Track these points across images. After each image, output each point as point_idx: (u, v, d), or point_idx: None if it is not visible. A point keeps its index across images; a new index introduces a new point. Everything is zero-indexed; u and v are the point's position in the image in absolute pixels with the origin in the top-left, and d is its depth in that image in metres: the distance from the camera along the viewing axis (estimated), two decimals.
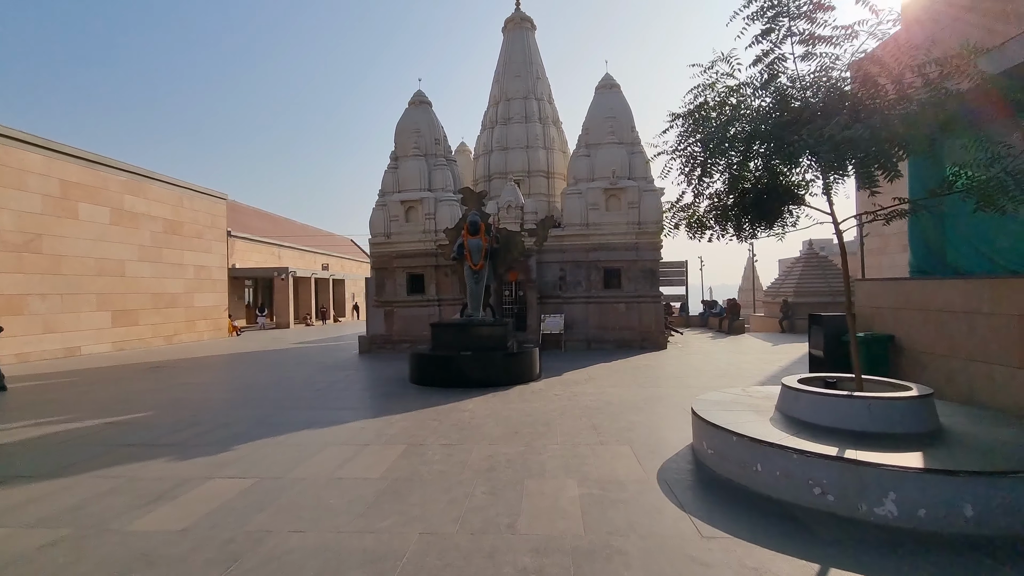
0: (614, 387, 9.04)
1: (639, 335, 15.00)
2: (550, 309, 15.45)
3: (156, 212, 20.40)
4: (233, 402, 8.45)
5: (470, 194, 11.17)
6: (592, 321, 15.23)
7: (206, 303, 23.21)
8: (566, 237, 15.41)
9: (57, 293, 16.12)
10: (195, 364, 13.98)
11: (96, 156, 17.67)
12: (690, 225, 5.77)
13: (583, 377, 10.17)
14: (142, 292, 19.52)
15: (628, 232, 15.08)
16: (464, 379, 9.22)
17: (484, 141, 19.20)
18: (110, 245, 18.15)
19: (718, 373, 10.39)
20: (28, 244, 15.23)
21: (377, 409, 7.66)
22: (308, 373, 11.70)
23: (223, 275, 24.66)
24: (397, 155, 16.67)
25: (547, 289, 15.55)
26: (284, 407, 7.94)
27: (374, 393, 9.06)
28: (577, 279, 15.42)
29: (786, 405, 4.92)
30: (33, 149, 15.51)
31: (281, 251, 37.68)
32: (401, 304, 16.00)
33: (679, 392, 8.45)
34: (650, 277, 15.16)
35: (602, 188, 15.18)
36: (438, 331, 10.00)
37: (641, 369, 11.17)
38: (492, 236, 10.72)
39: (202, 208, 23.20)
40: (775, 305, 21.62)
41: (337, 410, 7.65)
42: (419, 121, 16.59)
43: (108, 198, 18.14)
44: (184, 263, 21.90)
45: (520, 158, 18.14)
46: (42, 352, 15.54)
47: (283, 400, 8.52)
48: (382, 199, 16.46)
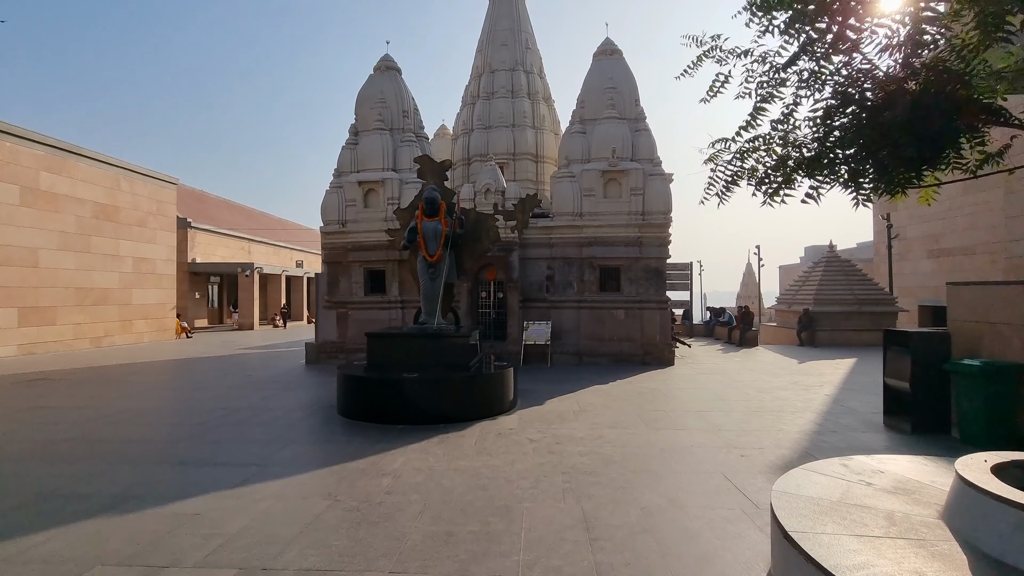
0: (613, 427, 6.47)
1: (641, 348, 12.46)
2: (535, 315, 12.88)
3: (83, 194, 17.62)
4: (55, 450, 5.79)
5: (428, 164, 8.59)
6: (585, 330, 12.68)
7: (147, 300, 20.42)
8: (555, 229, 12.86)
9: None
10: (92, 376, 11.26)
11: (1, 124, 14.91)
12: (764, 177, 3.23)
13: (571, 407, 7.60)
14: (61, 286, 16.73)
15: (630, 224, 12.55)
16: (407, 412, 6.63)
17: (464, 119, 16.64)
18: (18, 230, 15.37)
19: (752, 405, 7.85)
20: None
21: (254, 468, 5.03)
22: (219, 393, 9.04)
23: (170, 269, 21.89)
24: (358, 129, 14.06)
25: (532, 291, 12.99)
26: (123, 459, 5.30)
27: (275, 432, 6.42)
28: (568, 279, 12.88)
29: (987, 530, 2.37)
30: None
31: (252, 246, 34.88)
32: (357, 306, 13.37)
33: (708, 438, 5.90)
34: (655, 278, 12.64)
35: (599, 171, 12.65)
36: (376, 344, 7.39)
37: (647, 396, 8.61)
38: (456, 219, 8.14)
39: (145, 192, 20.44)
40: (790, 314, 19.18)
41: (196, 467, 5.01)
42: (385, 89, 14.01)
43: (17, 174, 15.37)
44: (120, 254, 19.12)
45: (504, 138, 15.59)
46: None
47: (136, 445, 5.88)
48: (337, 180, 13.84)
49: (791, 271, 53.89)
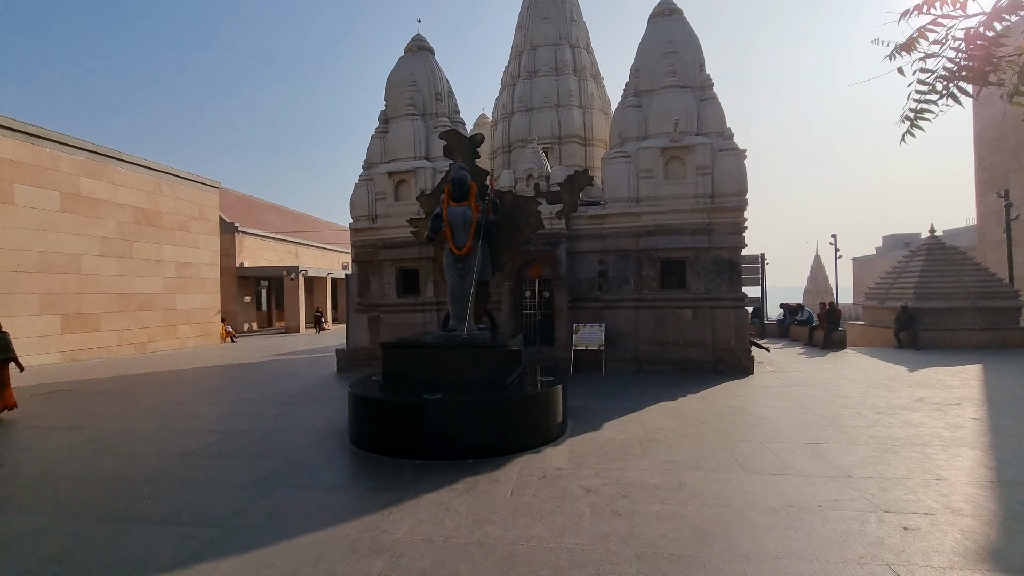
0: (696, 468, 4.83)
1: (712, 354, 10.61)
2: (586, 316, 11.29)
3: (124, 199, 17.51)
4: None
5: (456, 139, 7.20)
6: (645, 333, 10.96)
7: (191, 305, 20.29)
8: (608, 218, 11.21)
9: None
10: (112, 387, 10.64)
11: (39, 130, 14.82)
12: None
13: (636, 434, 5.99)
14: (104, 292, 16.63)
15: (696, 209, 10.72)
16: (427, 443, 5.26)
17: (504, 102, 15.23)
18: (60, 237, 15.28)
19: (878, 434, 5.96)
20: None
21: (212, 533, 3.78)
22: (229, 410, 8.05)
23: (214, 273, 21.74)
24: (388, 116, 12.93)
25: (582, 289, 11.40)
26: (68, 509, 4.19)
27: (268, 469, 5.20)
28: (623, 275, 11.20)
29: None
30: None
31: (299, 249, 35.05)
32: (389, 308, 12.22)
33: (839, 491, 4.16)
34: (728, 272, 10.74)
35: (659, 148, 10.89)
36: (393, 356, 6.05)
37: (731, 418, 6.85)
38: (488, 203, 6.71)
39: (187, 197, 20.30)
40: (883, 312, 16.58)
41: (142, 526, 3.81)
42: (416, 72, 12.80)
43: (57, 180, 15.29)
44: (163, 259, 19.00)
45: (548, 120, 14.05)
46: None
47: (94, 486, 4.80)
48: (367, 172, 12.75)
49: (867, 264, 49.24)
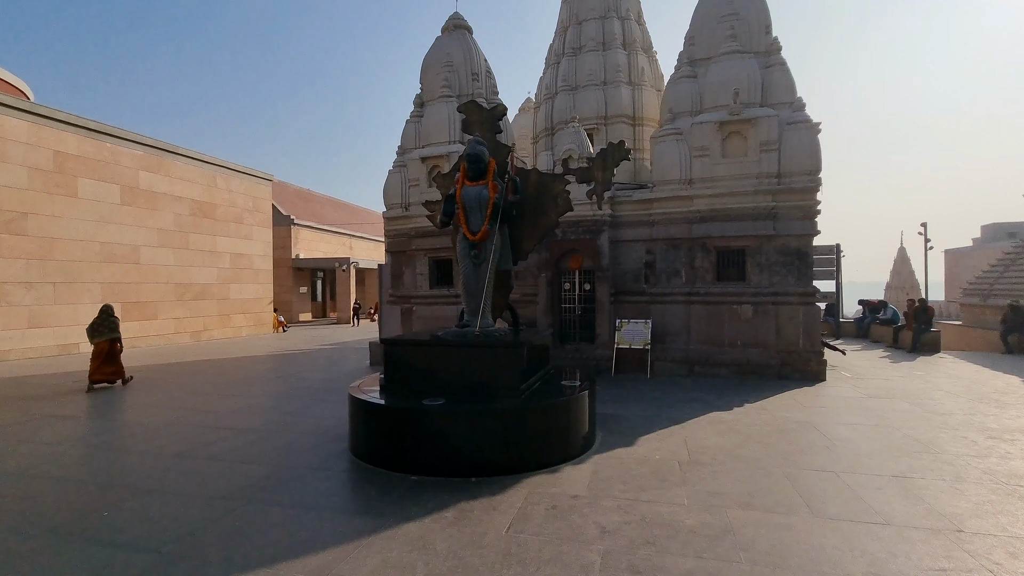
0: (748, 507, 3.84)
1: (776, 356, 9.30)
2: (630, 311, 10.27)
3: (182, 192, 18.10)
4: None
5: (475, 111, 6.43)
6: (697, 331, 9.80)
7: (245, 295, 20.85)
8: (656, 202, 10.09)
9: (48, 281, 13.99)
10: (153, 375, 10.76)
11: (101, 125, 15.45)
12: None
13: (676, 453, 5.03)
14: (162, 282, 17.27)
15: (760, 191, 9.40)
16: (425, 456, 4.58)
17: (547, 83, 14.29)
18: (120, 228, 15.94)
19: (993, 467, 4.68)
20: (8, 224, 13.12)
21: (153, 559, 3.25)
22: (246, 404, 7.77)
23: (267, 264, 22.26)
24: (423, 99, 12.37)
25: (626, 281, 10.37)
26: (30, 517, 3.84)
27: (251, 477, 4.71)
28: (673, 266, 10.06)
29: None
30: (16, 114, 13.39)
31: (352, 241, 35.68)
32: (422, 300, 11.71)
33: (946, 555, 3.07)
34: (796, 262, 9.37)
35: (716, 123, 9.64)
36: (394, 354, 5.40)
37: (797, 437, 5.71)
38: (508, 182, 5.90)
39: (241, 189, 20.82)
40: (987, 311, 14.33)
41: (88, 547, 3.35)
42: (452, 51, 12.13)
43: (118, 174, 15.92)
44: (217, 250, 19.57)
45: (594, 99, 13.00)
46: (26, 349, 13.44)
47: (69, 489, 4.46)
48: (400, 158, 12.26)
49: (962, 257, 44.19)
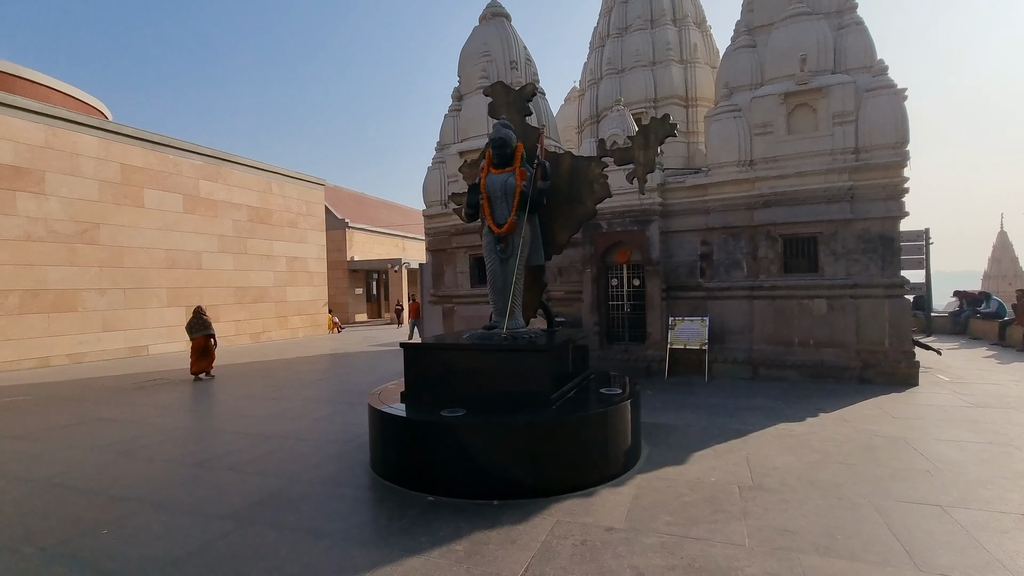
0: (827, 554, 3.07)
1: (857, 357, 8.16)
2: (685, 308, 9.40)
3: (239, 199, 18.79)
4: None
5: (502, 93, 5.90)
6: (761, 329, 8.80)
7: (301, 297, 21.43)
8: (712, 187, 9.16)
9: (119, 287, 14.82)
10: (203, 379, 11.01)
11: (164, 138, 16.23)
12: None
13: (736, 474, 4.28)
14: (223, 286, 17.99)
15: (833, 169, 8.28)
16: (443, 475, 4.11)
17: (591, 67, 13.54)
18: (183, 235, 16.70)
19: None
20: (83, 234, 13.98)
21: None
22: (279, 409, 7.65)
23: (321, 267, 22.80)
24: (460, 92, 11.99)
25: (680, 275, 9.51)
26: (23, 535, 3.70)
27: (260, 492, 4.42)
28: (733, 257, 9.10)
29: None
30: (87, 131, 14.24)
31: (405, 242, 36.24)
32: (463, 299, 11.34)
33: None
34: (880, 250, 8.18)
35: (779, 95, 8.59)
36: (413, 360, 4.96)
37: (885, 456, 4.78)
38: (537, 167, 5.33)
39: (295, 195, 21.40)
40: None
41: (65, 566, 3.12)
42: (489, 41, 11.66)
43: (180, 184, 16.69)
44: (274, 254, 20.20)
45: (641, 81, 12.13)
46: (101, 352, 14.28)
47: (75, 501, 4.34)
48: (439, 154, 11.95)
49: None
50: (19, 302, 12.64)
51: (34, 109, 13.21)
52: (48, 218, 13.27)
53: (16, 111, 12.81)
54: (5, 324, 12.39)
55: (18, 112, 12.84)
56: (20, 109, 12.91)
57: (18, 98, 13.22)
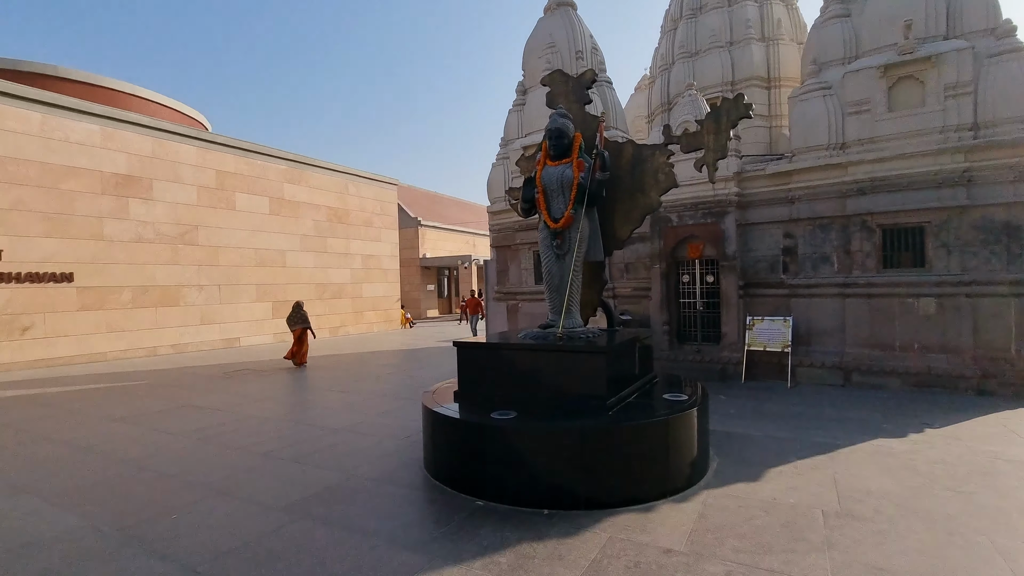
0: None
1: (974, 364, 7.09)
2: (765, 307, 8.65)
3: (319, 200, 19.85)
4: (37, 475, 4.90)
5: (560, 81, 5.64)
6: (856, 331, 7.90)
7: (375, 293, 22.31)
8: (797, 175, 8.34)
9: (214, 284, 16.14)
10: (284, 369, 11.68)
11: (252, 145, 17.45)
12: None
13: (819, 499, 3.78)
14: (304, 283, 19.09)
15: (946, 149, 7.22)
16: (495, 480, 3.97)
17: (662, 52, 12.85)
18: (270, 235, 17.89)
19: None
20: (184, 236, 15.35)
21: None
22: (342, 403, 7.90)
23: (394, 264, 23.61)
24: (525, 86, 11.82)
25: (759, 271, 8.77)
26: (49, 533, 3.99)
27: (313, 490, 4.50)
28: (821, 251, 8.24)
29: None
30: (187, 141, 15.60)
31: (475, 239, 36.77)
32: (527, 296, 11.20)
33: None
34: (1004, 241, 7.04)
35: (879, 67, 7.63)
36: (465, 359, 4.86)
37: (1008, 483, 4.03)
38: (596, 158, 5.03)
39: (370, 195, 22.29)
40: None
41: (135, 547, 3.30)
42: (554, 32, 11.39)
43: (267, 187, 17.89)
44: (351, 252, 21.17)
45: (717, 63, 11.33)
46: (200, 343, 15.64)
47: (139, 485, 4.64)
48: (503, 150, 11.86)
49: None
50: (131, 297, 14.10)
51: (144, 123, 14.66)
52: (155, 221, 14.69)
53: (129, 125, 14.27)
54: (120, 317, 13.88)
55: (130, 126, 14.30)
56: (132, 124, 14.37)
57: (131, 114, 14.73)
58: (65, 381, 10.26)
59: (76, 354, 12.98)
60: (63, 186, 12.82)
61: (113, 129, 13.90)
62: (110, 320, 13.66)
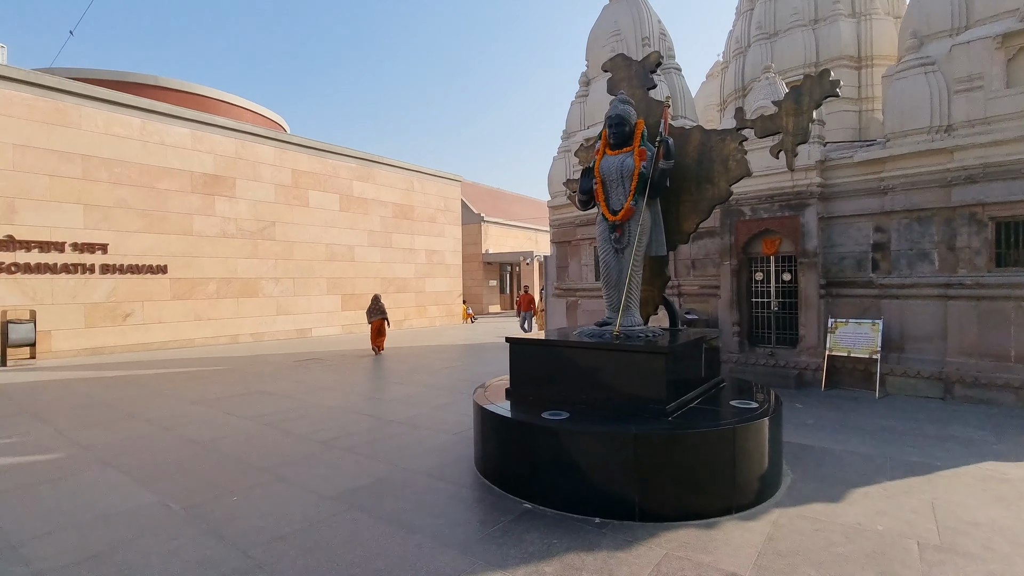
0: None
1: None
2: (850, 308, 7.88)
3: (385, 197, 20.47)
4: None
5: (623, 66, 5.34)
6: (960, 337, 7.00)
7: (438, 288, 22.75)
8: (892, 161, 7.50)
9: (289, 277, 17.06)
10: (347, 360, 12.10)
11: (325, 145, 18.26)
12: None
13: (913, 528, 3.31)
14: (371, 277, 19.77)
15: None
16: (544, 482, 3.81)
17: (737, 35, 12.06)
18: (340, 231, 18.67)
19: None
20: (262, 231, 16.32)
21: (227, 567, 3.14)
22: (400, 395, 8.02)
23: (457, 260, 23.95)
24: (588, 77, 11.50)
25: (843, 269, 7.99)
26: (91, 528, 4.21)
27: (363, 481, 4.54)
28: (919, 247, 7.37)
29: None
30: (266, 142, 16.55)
31: (537, 235, 36.62)
32: (587, 293, 10.91)
33: None
34: None
35: (996, 37, 6.68)
36: (517, 355, 4.72)
37: None
38: (659, 145, 4.72)
39: (434, 191, 22.72)
40: None
41: (197, 525, 3.45)
42: (619, 19, 10.98)
43: (337, 185, 18.66)
44: (415, 247, 21.69)
45: (799, 43, 10.45)
46: (276, 332, 16.59)
47: (209, 466, 4.86)
48: (565, 143, 11.61)
49: None
50: (216, 289, 15.18)
51: (228, 126, 15.71)
52: (238, 218, 15.71)
53: (215, 128, 15.34)
54: (207, 307, 14.98)
55: (217, 129, 15.37)
56: (218, 127, 15.43)
57: (217, 118, 15.83)
58: (157, 364, 11.20)
59: (169, 339, 14.15)
60: (158, 185, 13.98)
61: (202, 132, 14.99)
62: (198, 309, 14.78)
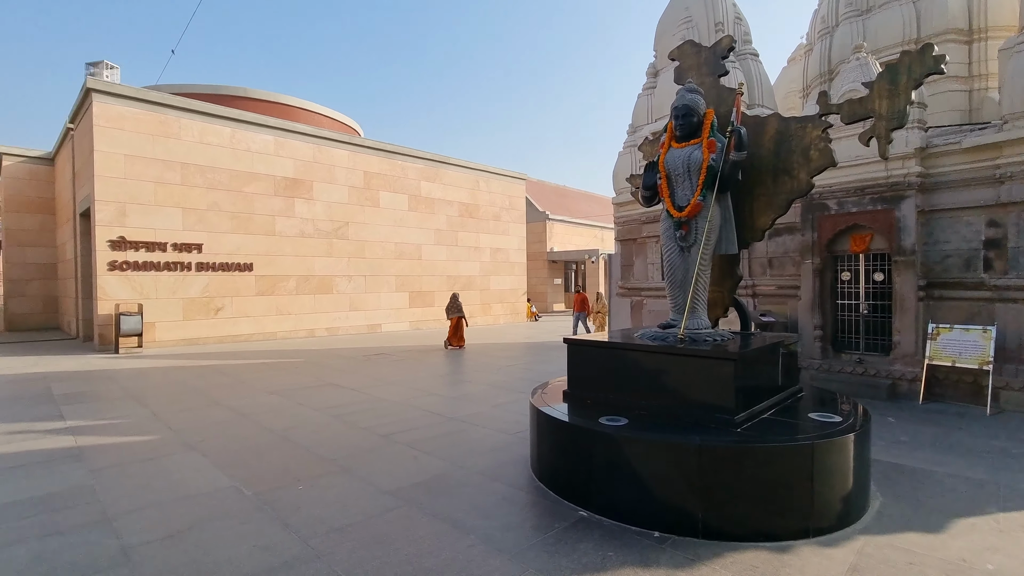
0: None
1: None
2: (954, 313, 7.02)
3: (451, 196, 20.87)
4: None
5: (691, 53, 5.02)
6: None
7: (502, 286, 22.91)
8: (1010, 146, 6.59)
9: (361, 275, 17.82)
10: (414, 356, 12.43)
11: (394, 147, 18.89)
12: None
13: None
14: (438, 275, 20.25)
15: None
16: (601, 491, 3.67)
17: (823, 14, 11.10)
18: (408, 230, 19.26)
19: None
20: (337, 231, 17.16)
21: (284, 556, 3.25)
22: (462, 392, 8.11)
23: (521, 258, 23.99)
24: (656, 68, 11.06)
25: (947, 269, 7.13)
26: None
27: (419, 478, 4.58)
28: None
29: None
30: (340, 146, 17.37)
31: (603, 233, 35.98)
32: (653, 292, 10.51)
33: None
34: None
35: None
36: (577, 357, 4.58)
37: None
38: (730, 135, 4.40)
39: (499, 190, 22.88)
40: None
41: (263, 512, 3.62)
42: (691, 4, 10.47)
43: (406, 186, 19.25)
44: (480, 246, 21.96)
45: (896, 18, 9.46)
46: (348, 327, 17.41)
47: (279, 454, 5.09)
48: (631, 138, 11.24)
49: None
50: (295, 285, 16.15)
51: (307, 132, 16.65)
52: (315, 219, 16.62)
53: (295, 135, 16.30)
54: (287, 302, 15.97)
55: (297, 135, 16.33)
56: (298, 133, 16.40)
57: (298, 124, 16.81)
58: (241, 355, 12.07)
59: (253, 332, 15.23)
60: (245, 189, 15.07)
61: (284, 139, 15.98)
62: (279, 304, 15.80)
